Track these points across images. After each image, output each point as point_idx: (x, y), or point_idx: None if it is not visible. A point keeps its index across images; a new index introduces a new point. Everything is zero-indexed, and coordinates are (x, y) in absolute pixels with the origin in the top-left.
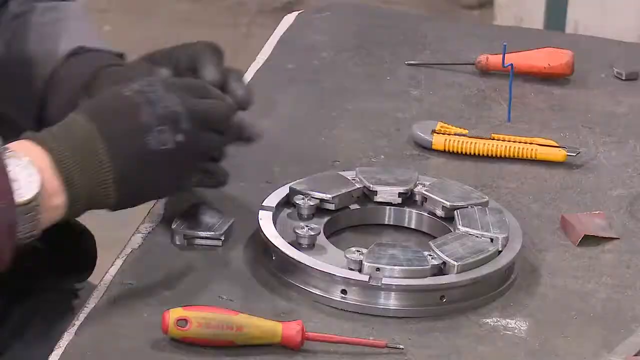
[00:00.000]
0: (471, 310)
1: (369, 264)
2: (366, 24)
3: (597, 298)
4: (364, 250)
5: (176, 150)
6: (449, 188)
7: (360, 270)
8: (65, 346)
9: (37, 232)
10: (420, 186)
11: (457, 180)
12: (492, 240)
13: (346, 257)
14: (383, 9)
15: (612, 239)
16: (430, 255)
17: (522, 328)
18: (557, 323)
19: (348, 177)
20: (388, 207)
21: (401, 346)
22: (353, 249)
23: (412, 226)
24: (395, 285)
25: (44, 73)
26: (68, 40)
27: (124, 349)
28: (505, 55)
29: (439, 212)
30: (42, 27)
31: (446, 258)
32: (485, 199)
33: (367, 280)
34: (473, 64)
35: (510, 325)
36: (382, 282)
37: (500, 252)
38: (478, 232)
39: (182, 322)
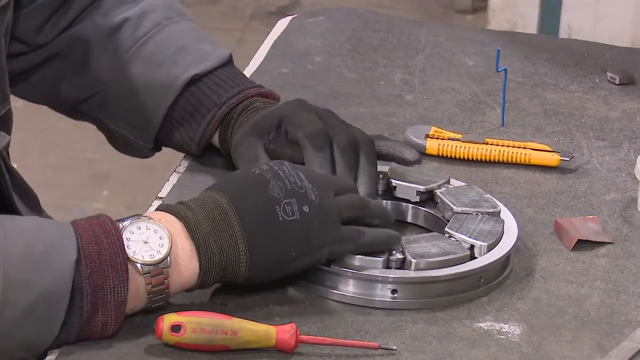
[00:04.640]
0: (464, 313)
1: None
2: (360, 28)
3: (590, 302)
4: None
5: (302, 220)
6: (466, 193)
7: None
8: (58, 351)
9: (166, 297)
10: (443, 188)
11: None
12: (472, 246)
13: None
14: (377, 13)
15: (605, 243)
16: (395, 249)
17: (515, 332)
18: (550, 327)
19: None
20: (405, 204)
21: (394, 347)
22: None
23: (426, 225)
24: (345, 271)
25: (161, 102)
26: (182, 65)
27: (117, 355)
28: None
29: (447, 215)
30: (149, 50)
31: (407, 254)
32: (497, 209)
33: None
34: None
35: (504, 330)
36: (334, 267)
37: (475, 258)
38: (461, 236)
39: (176, 327)
